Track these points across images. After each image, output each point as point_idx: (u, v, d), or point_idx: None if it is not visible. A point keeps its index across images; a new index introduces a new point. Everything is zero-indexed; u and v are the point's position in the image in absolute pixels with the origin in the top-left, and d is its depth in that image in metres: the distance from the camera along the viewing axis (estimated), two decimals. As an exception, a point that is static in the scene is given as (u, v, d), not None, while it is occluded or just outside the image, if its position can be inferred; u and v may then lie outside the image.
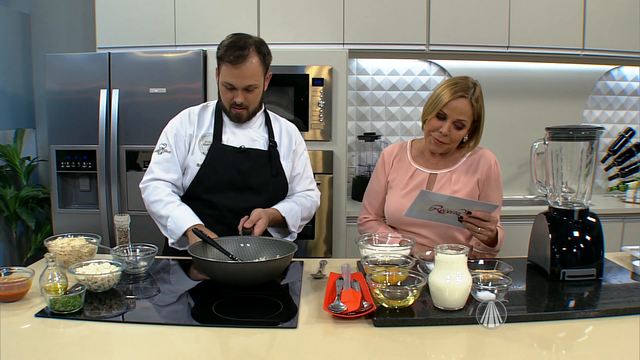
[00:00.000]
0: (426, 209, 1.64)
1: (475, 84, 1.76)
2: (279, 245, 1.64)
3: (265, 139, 1.89)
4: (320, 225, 2.89)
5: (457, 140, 1.78)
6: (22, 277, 1.37)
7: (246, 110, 1.81)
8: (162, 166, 1.82)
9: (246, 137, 1.85)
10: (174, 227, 1.72)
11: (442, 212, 1.64)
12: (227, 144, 1.83)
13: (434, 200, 1.62)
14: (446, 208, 1.62)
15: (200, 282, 1.50)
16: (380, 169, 1.95)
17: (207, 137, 1.84)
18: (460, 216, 1.64)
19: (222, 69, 1.75)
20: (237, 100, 1.76)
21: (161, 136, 1.87)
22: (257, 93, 1.80)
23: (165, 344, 1.14)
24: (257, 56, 1.74)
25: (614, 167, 3.59)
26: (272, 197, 1.87)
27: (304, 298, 1.39)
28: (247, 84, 1.74)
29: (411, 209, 1.66)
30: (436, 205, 1.62)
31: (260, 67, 1.76)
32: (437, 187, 1.81)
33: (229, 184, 1.81)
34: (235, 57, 1.70)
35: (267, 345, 1.14)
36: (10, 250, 3.33)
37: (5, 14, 3.32)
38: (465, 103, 1.72)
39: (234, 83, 1.74)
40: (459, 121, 1.73)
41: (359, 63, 3.43)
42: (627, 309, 1.28)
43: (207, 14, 3.00)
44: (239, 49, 1.71)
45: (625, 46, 3.16)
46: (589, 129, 1.56)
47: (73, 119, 2.84)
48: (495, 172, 1.83)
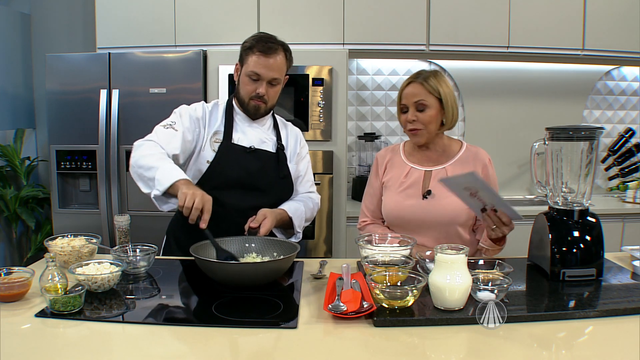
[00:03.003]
0: (462, 187, 1.61)
1: (428, 71, 1.82)
2: (282, 246, 1.64)
3: (274, 141, 1.90)
4: (320, 225, 2.89)
5: (427, 122, 1.79)
6: (22, 277, 1.36)
7: (265, 104, 1.82)
8: (165, 137, 1.76)
9: (256, 137, 1.87)
10: (162, 177, 1.62)
11: (472, 196, 1.61)
12: (237, 143, 1.83)
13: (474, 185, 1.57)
14: (480, 195, 1.60)
15: (201, 282, 1.50)
16: (374, 173, 1.97)
17: (218, 134, 1.84)
18: (485, 207, 1.64)
19: (250, 60, 1.77)
20: (260, 91, 1.78)
21: (171, 115, 1.83)
22: (277, 90, 1.83)
23: (165, 344, 1.14)
24: (283, 53, 1.80)
25: (614, 167, 3.59)
26: (278, 198, 1.88)
27: (304, 298, 1.39)
28: (273, 76, 1.77)
29: (451, 179, 1.62)
30: (472, 187, 1.58)
31: (285, 64, 1.81)
32: (433, 184, 1.82)
33: (237, 183, 1.81)
34: (267, 47, 1.75)
35: (268, 345, 1.14)
36: (10, 250, 3.34)
37: (5, 14, 3.32)
38: (415, 85, 1.80)
39: (261, 73, 1.76)
40: (417, 103, 1.79)
41: (359, 63, 3.43)
42: (627, 309, 1.28)
43: (207, 14, 3.01)
44: (270, 42, 1.77)
45: (625, 46, 3.17)
46: (589, 129, 1.56)
47: (73, 119, 2.84)
48: (490, 171, 1.84)
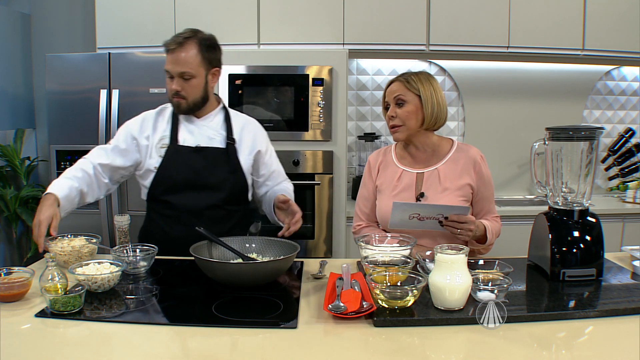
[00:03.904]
0: (406, 218, 1.68)
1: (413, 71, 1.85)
2: (282, 246, 1.64)
3: (224, 136, 1.89)
4: (320, 226, 2.89)
5: (406, 118, 1.79)
6: (22, 277, 1.37)
7: (185, 100, 1.81)
8: (97, 152, 1.86)
9: (203, 135, 1.86)
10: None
11: (422, 220, 1.68)
12: (184, 144, 1.84)
13: (408, 210, 1.67)
14: (424, 215, 1.66)
15: (201, 282, 1.50)
16: (367, 176, 1.96)
17: (164, 139, 1.86)
18: (440, 221, 1.68)
19: (166, 60, 1.79)
20: (173, 87, 1.78)
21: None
22: (194, 84, 1.80)
23: (165, 344, 1.15)
24: (196, 47, 1.77)
25: (614, 167, 3.59)
26: (231, 193, 1.88)
27: (304, 298, 1.39)
28: (181, 70, 1.76)
29: (392, 221, 1.70)
30: (414, 214, 1.66)
31: (198, 57, 1.78)
32: (426, 186, 1.81)
33: (186, 184, 1.82)
34: (173, 43, 1.76)
35: (267, 345, 1.14)
36: (10, 250, 3.33)
37: (5, 14, 3.32)
38: (396, 83, 1.84)
39: (169, 69, 1.78)
40: (397, 99, 1.81)
41: (359, 63, 3.43)
42: (627, 309, 1.28)
43: (207, 14, 3.00)
44: (178, 37, 1.77)
45: (625, 46, 3.16)
46: (589, 129, 1.56)
47: (73, 119, 2.84)
48: (483, 169, 1.83)
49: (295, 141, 2.87)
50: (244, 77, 2.85)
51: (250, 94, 2.87)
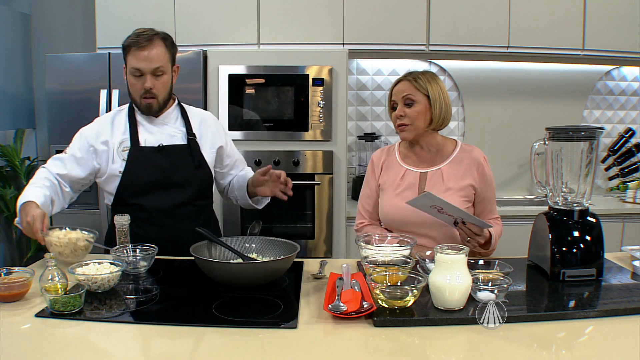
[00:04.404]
0: (427, 206, 1.67)
1: (420, 71, 1.84)
2: (282, 246, 1.64)
3: (183, 132, 1.89)
4: (320, 225, 2.89)
5: (415, 118, 1.79)
6: (22, 277, 1.37)
7: (156, 99, 1.81)
8: (53, 162, 1.84)
9: (163, 134, 1.86)
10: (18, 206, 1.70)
11: (441, 212, 1.67)
12: (146, 145, 1.83)
13: (436, 203, 1.65)
14: (446, 211, 1.66)
15: (201, 282, 1.50)
16: (370, 174, 1.97)
17: (125, 142, 1.84)
18: (456, 221, 1.69)
19: (130, 58, 1.77)
20: (146, 85, 1.77)
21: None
22: (165, 80, 1.81)
23: (165, 344, 1.15)
24: (162, 43, 1.79)
25: (614, 167, 3.59)
26: (199, 189, 1.89)
27: (304, 298, 1.39)
28: (155, 66, 1.76)
29: (414, 201, 1.68)
30: (437, 206, 1.65)
31: (167, 54, 1.80)
32: (429, 185, 1.82)
33: (153, 184, 1.82)
34: (140, 40, 1.75)
35: (267, 346, 1.14)
36: (10, 250, 3.33)
37: (5, 14, 3.32)
38: (404, 83, 1.83)
39: (142, 67, 1.76)
40: (405, 98, 1.80)
41: (359, 63, 3.43)
42: (627, 309, 1.28)
43: (207, 14, 3.01)
44: (144, 35, 1.76)
45: (625, 46, 3.17)
46: (589, 129, 1.56)
47: (73, 119, 2.83)
48: (486, 170, 1.84)
49: (295, 141, 2.87)
50: (244, 77, 2.85)
51: (250, 94, 2.87)
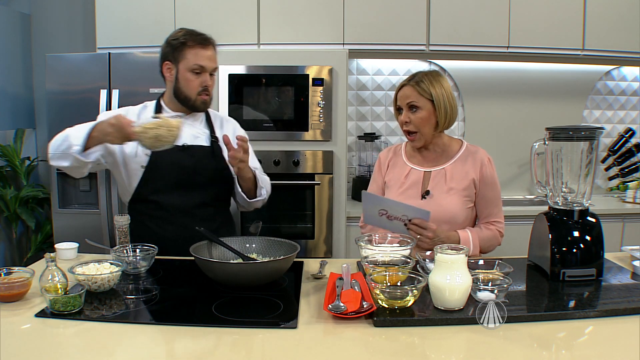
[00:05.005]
0: (376, 214, 1.69)
1: (423, 73, 1.82)
2: (282, 246, 1.64)
3: (207, 134, 1.89)
4: (320, 226, 2.89)
5: (421, 125, 1.80)
6: (22, 277, 1.37)
7: (209, 97, 1.83)
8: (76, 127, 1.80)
9: (188, 134, 1.84)
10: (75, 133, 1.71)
11: (390, 219, 1.68)
12: None
13: (377, 204, 1.68)
14: (390, 213, 1.67)
15: (201, 282, 1.50)
16: (377, 172, 1.99)
17: None
18: (405, 223, 1.68)
19: (189, 55, 1.76)
20: (207, 82, 1.78)
21: None
22: (214, 80, 1.84)
23: (165, 344, 1.15)
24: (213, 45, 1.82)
25: (614, 167, 3.59)
26: (220, 191, 1.89)
27: (304, 298, 1.39)
28: (214, 66, 1.80)
29: (366, 214, 1.74)
30: (382, 210, 1.67)
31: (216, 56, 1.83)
32: (432, 184, 1.82)
33: (175, 183, 1.81)
34: (203, 39, 1.76)
35: (267, 345, 1.14)
36: (10, 250, 3.33)
37: (5, 14, 3.32)
38: (407, 88, 1.81)
39: (205, 65, 1.76)
40: (410, 105, 1.80)
41: (359, 63, 3.43)
42: (627, 309, 1.28)
43: (207, 14, 3.00)
44: (203, 35, 1.77)
45: (625, 46, 3.16)
46: (589, 129, 1.56)
47: (73, 119, 2.79)
48: (489, 170, 1.83)
49: (295, 141, 2.87)
50: (244, 77, 2.85)
51: (250, 94, 2.87)
